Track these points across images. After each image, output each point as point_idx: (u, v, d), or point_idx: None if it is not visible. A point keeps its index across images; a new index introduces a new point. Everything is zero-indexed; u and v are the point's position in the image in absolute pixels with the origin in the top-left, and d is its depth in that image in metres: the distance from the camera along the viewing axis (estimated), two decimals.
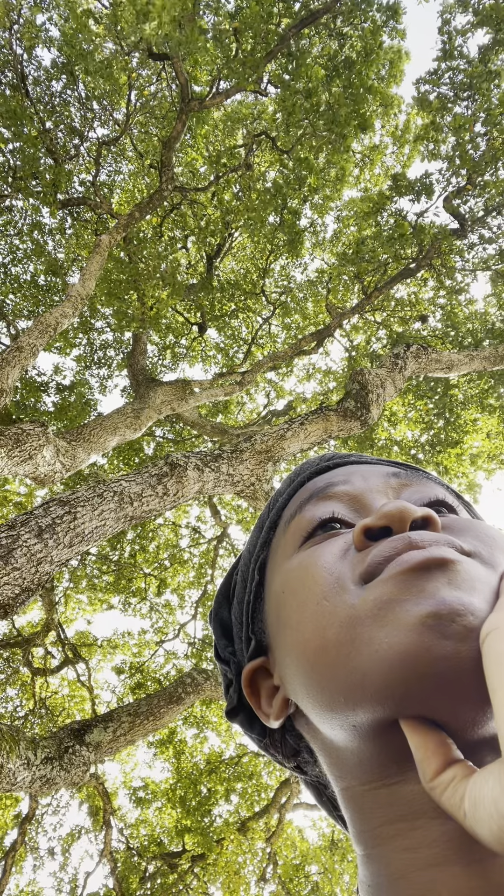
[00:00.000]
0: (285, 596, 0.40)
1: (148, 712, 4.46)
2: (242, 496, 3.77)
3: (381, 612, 0.31)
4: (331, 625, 0.33)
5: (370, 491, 0.43)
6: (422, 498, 0.43)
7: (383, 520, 0.36)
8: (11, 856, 6.24)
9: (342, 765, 0.36)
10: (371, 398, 3.98)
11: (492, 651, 0.26)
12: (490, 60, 5.90)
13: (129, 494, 2.89)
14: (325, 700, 0.33)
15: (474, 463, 8.06)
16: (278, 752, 0.45)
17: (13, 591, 2.33)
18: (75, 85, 6.70)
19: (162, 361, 9.46)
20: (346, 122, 6.14)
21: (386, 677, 0.29)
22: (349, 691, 0.31)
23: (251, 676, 0.44)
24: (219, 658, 0.50)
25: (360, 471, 0.46)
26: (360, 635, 0.31)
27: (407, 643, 0.29)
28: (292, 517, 0.45)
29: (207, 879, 7.04)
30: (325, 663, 0.33)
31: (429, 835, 0.30)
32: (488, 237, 6.87)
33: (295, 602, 0.38)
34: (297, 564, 0.40)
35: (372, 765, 0.33)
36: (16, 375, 4.25)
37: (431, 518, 0.36)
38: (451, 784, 0.26)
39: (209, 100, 6.40)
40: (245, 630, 0.46)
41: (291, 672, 0.38)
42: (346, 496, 0.43)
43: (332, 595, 0.35)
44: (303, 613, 0.36)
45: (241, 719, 0.47)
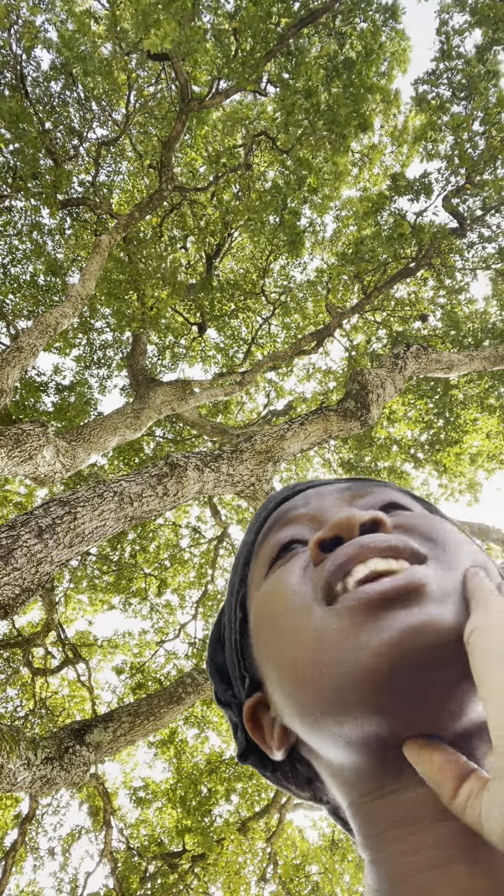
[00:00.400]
0: (260, 624, 0.42)
1: (148, 712, 4.46)
2: (242, 496, 3.77)
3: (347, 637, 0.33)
4: (303, 647, 0.35)
5: (326, 508, 0.46)
6: (373, 503, 0.45)
7: (333, 530, 0.38)
8: (12, 856, 6.24)
9: (344, 781, 0.37)
10: (371, 398, 3.98)
11: (476, 648, 0.27)
12: (487, 60, 5.90)
13: (130, 495, 2.89)
14: (311, 719, 0.35)
15: (474, 462, 8.05)
16: (292, 784, 0.46)
17: (13, 591, 2.33)
18: (74, 86, 6.70)
19: (161, 361, 9.47)
20: (346, 122, 6.14)
21: (359, 694, 0.31)
22: (329, 708, 0.33)
23: (252, 713, 0.44)
24: (220, 703, 0.50)
25: (316, 492, 0.49)
26: (329, 656, 0.33)
27: (369, 665, 0.31)
28: (259, 549, 0.47)
29: (208, 879, 7.04)
30: (303, 683, 0.35)
31: (428, 838, 0.30)
32: (488, 236, 6.88)
33: (269, 628, 0.40)
34: (265, 591, 0.43)
35: (369, 777, 0.34)
36: (16, 375, 4.25)
37: (379, 519, 0.38)
38: (469, 802, 0.27)
39: (209, 100, 6.40)
40: (238, 669, 0.47)
41: (279, 697, 0.39)
42: (305, 517, 0.46)
43: (299, 617, 0.37)
44: (278, 639, 0.38)
45: (253, 760, 0.48)
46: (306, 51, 6.26)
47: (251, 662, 0.45)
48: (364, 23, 6.19)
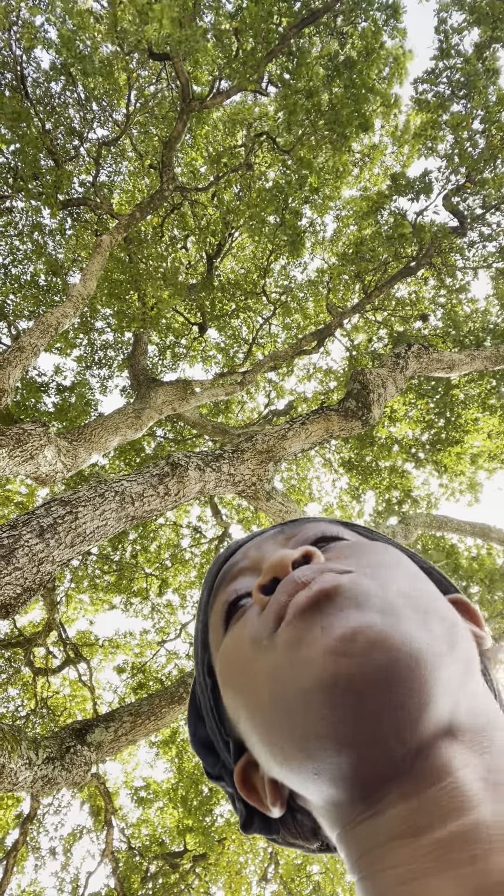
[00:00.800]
0: (226, 683, 0.43)
1: (149, 712, 4.46)
2: (244, 496, 3.77)
3: (293, 653, 0.34)
4: (263, 683, 0.36)
5: (264, 556, 0.48)
6: (303, 539, 0.47)
7: (269, 573, 0.40)
8: (13, 855, 6.25)
9: (329, 817, 0.37)
10: (372, 398, 3.98)
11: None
12: (486, 58, 5.90)
13: (131, 494, 2.89)
14: (285, 757, 0.35)
15: (475, 462, 8.05)
16: (300, 838, 0.46)
17: (15, 590, 2.33)
18: (74, 86, 6.70)
19: (162, 361, 9.47)
20: (348, 122, 6.14)
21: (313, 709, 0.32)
22: (296, 737, 0.33)
23: (243, 777, 0.44)
24: (212, 777, 0.51)
25: (253, 544, 0.51)
26: (285, 680, 0.34)
27: (320, 674, 0.32)
28: (212, 610, 0.49)
29: (209, 879, 7.04)
30: (270, 722, 0.36)
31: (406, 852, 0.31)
32: (488, 234, 6.87)
33: (233, 683, 0.41)
34: (223, 650, 0.44)
35: (345, 807, 0.35)
36: (17, 375, 4.25)
37: (309, 553, 0.40)
38: None
39: (210, 100, 6.40)
40: (220, 736, 0.47)
41: (256, 748, 0.40)
42: (247, 570, 0.48)
43: (254, 657, 0.38)
44: (243, 687, 0.39)
45: (257, 826, 0.48)
46: (307, 51, 6.26)
47: (231, 726, 0.46)
48: (365, 22, 6.18)
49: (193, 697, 0.53)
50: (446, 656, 0.34)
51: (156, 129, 7.76)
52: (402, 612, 0.34)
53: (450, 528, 6.71)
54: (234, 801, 0.49)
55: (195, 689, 0.53)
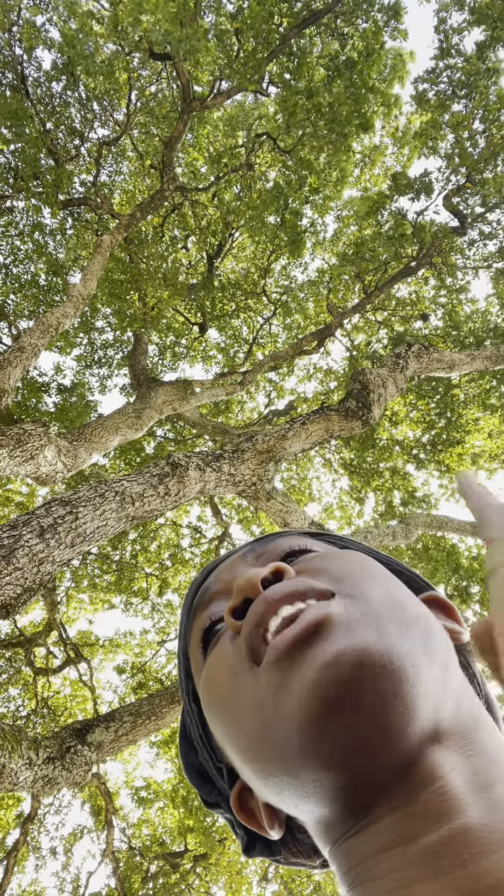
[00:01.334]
0: (209, 711, 0.42)
1: (150, 712, 4.46)
2: (244, 496, 3.77)
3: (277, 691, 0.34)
4: (245, 720, 0.36)
5: (235, 577, 0.47)
6: (272, 556, 0.46)
7: (240, 595, 0.39)
8: (14, 855, 6.25)
9: (319, 835, 0.38)
10: (373, 398, 3.98)
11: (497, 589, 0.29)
12: (486, 58, 5.90)
13: (131, 494, 2.89)
14: (274, 785, 0.35)
15: (475, 463, 8.05)
16: (301, 856, 0.46)
17: (15, 590, 2.33)
18: (75, 86, 6.71)
19: (162, 361, 9.47)
20: (348, 122, 6.14)
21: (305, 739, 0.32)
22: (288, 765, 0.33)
23: (239, 802, 0.44)
24: (208, 805, 0.50)
25: (225, 566, 0.50)
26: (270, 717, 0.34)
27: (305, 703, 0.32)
28: (189, 638, 0.48)
29: (210, 879, 7.04)
30: (256, 754, 0.35)
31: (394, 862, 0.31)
32: (488, 233, 6.87)
33: (216, 712, 0.41)
34: (204, 678, 0.43)
35: (335, 824, 0.35)
36: (17, 375, 4.26)
37: (279, 569, 0.40)
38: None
39: (210, 100, 6.40)
40: (213, 763, 0.47)
41: (245, 774, 0.39)
42: (220, 593, 0.47)
43: (235, 690, 0.37)
44: (226, 718, 0.39)
45: (260, 850, 0.47)
46: (308, 51, 6.26)
47: (220, 752, 0.45)
48: (366, 23, 6.18)
49: (183, 725, 0.53)
50: (425, 664, 0.34)
51: (156, 129, 7.76)
52: (383, 626, 0.34)
53: (450, 528, 6.71)
54: (233, 827, 0.49)
55: (184, 718, 0.53)
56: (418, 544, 8.12)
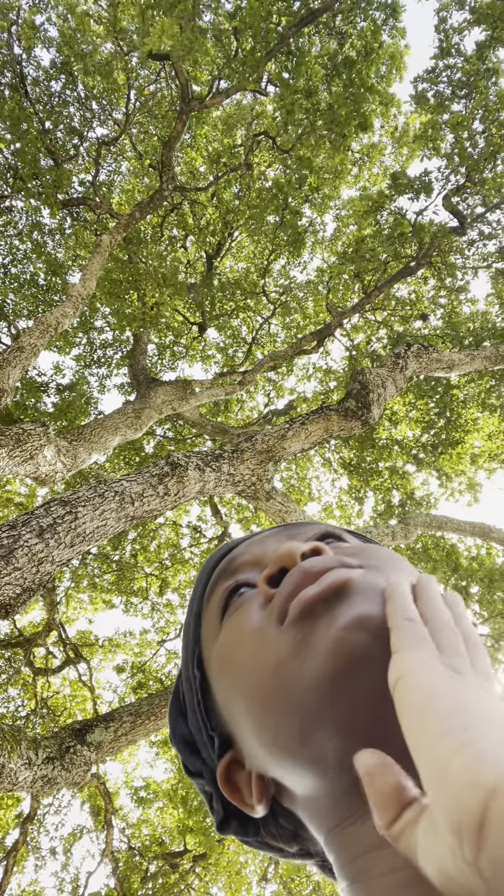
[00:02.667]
0: (222, 672, 0.42)
1: (149, 712, 4.46)
2: (243, 496, 3.77)
3: (299, 648, 0.34)
4: (262, 676, 0.36)
5: (267, 552, 0.47)
6: (310, 535, 0.47)
7: (277, 563, 0.40)
8: (13, 855, 6.24)
9: (320, 814, 0.37)
10: (372, 398, 3.98)
11: (400, 705, 0.27)
12: (486, 58, 5.90)
13: (131, 494, 2.89)
14: (282, 748, 0.35)
15: (475, 462, 8.05)
16: (279, 841, 0.45)
17: (14, 590, 2.33)
18: (74, 85, 6.70)
19: (162, 361, 9.47)
20: (347, 122, 6.13)
21: (320, 699, 0.32)
22: (298, 728, 0.33)
23: (226, 774, 0.44)
24: (191, 774, 0.50)
25: (254, 540, 0.50)
26: (288, 675, 0.34)
27: (327, 662, 0.32)
28: (207, 602, 0.48)
29: (209, 879, 7.04)
30: (269, 713, 0.35)
31: (398, 859, 0.30)
32: (488, 233, 6.87)
33: (231, 672, 0.40)
34: (222, 640, 0.43)
35: (342, 803, 0.34)
36: (17, 375, 4.25)
37: (318, 548, 0.40)
38: (405, 833, 0.27)
39: (209, 99, 6.40)
40: (205, 731, 0.46)
41: (250, 740, 0.39)
42: (248, 564, 0.47)
43: (258, 648, 0.37)
44: (240, 677, 0.39)
45: (234, 828, 0.47)
46: (306, 50, 6.26)
47: (217, 721, 0.45)
48: (364, 22, 6.18)
49: (177, 693, 0.53)
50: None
51: (155, 129, 7.76)
52: None
53: (450, 528, 6.71)
54: (210, 800, 0.48)
55: (179, 686, 0.53)
56: (418, 544, 8.12)
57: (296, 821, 0.43)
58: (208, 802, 0.49)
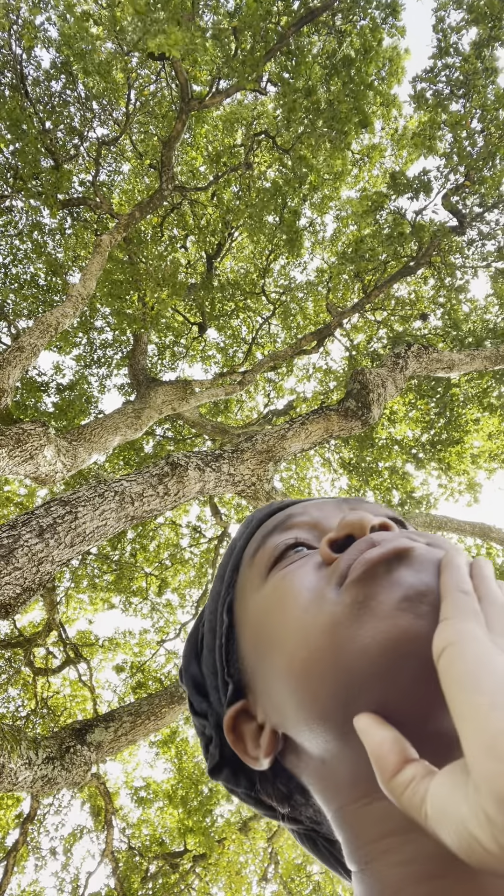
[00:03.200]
0: (262, 622, 0.41)
1: (149, 712, 4.46)
2: (243, 496, 3.77)
3: (358, 610, 0.33)
4: (314, 634, 0.35)
5: (327, 517, 0.47)
6: (378, 513, 0.47)
7: (346, 529, 0.39)
8: (13, 855, 6.24)
9: (336, 785, 0.36)
10: (372, 398, 3.98)
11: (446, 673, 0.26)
12: (484, 57, 5.90)
13: (130, 494, 2.89)
14: (318, 710, 0.34)
15: (475, 462, 8.05)
16: (271, 798, 0.45)
17: (14, 590, 2.33)
18: (74, 85, 6.70)
19: (162, 361, 9.47)
20: (347, 119, 6.13)
21: (372, 667, 0.31)
22: (340, 692, 0.32)
23: (233, 722, 0.44)
24: (195, 713, 0.50)
25: (314, 503, 0.50)
26: (343, 636, 0.33)
27: (387, 630, 0.31)
28: (256, 551, 0.47)
29: (209, 879, 7.04)
30: (313, 672, 0.34)
31: (422, 848, 0.30)
32: (487, 232, 6.86)
33: (274, 624, 0.39)
34: (270, 589, 0.42)
35: (365, 778, 0.33)
36: (17, 375, 4.25)
37: (388, 524, 0.40)
38: (411, 784, 0.26)
39: (209, 99, 6.39)
40: (221, 676, 0.46)
41: (279, 695, 0.38)
42: (305, 525, 0.46)
43: (312, 606, 0.36)
44: (285, 631, 0.38)
45: (225, 775, 0.47)
46: (306, 50, 6.25)
47: (236, 668, 0.45)
48: (364, 20, 6.17)
49: (195, 633, 0.53)
50: None
51: (155, 129, 7.76)
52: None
53: (450, 529, 6.71)
54: (207, 744, 0.48)
55: (199, 626, 0.52)
56: None
57: (293, 784, 0.43)
58: (204, 745, 0.49)
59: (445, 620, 0.28)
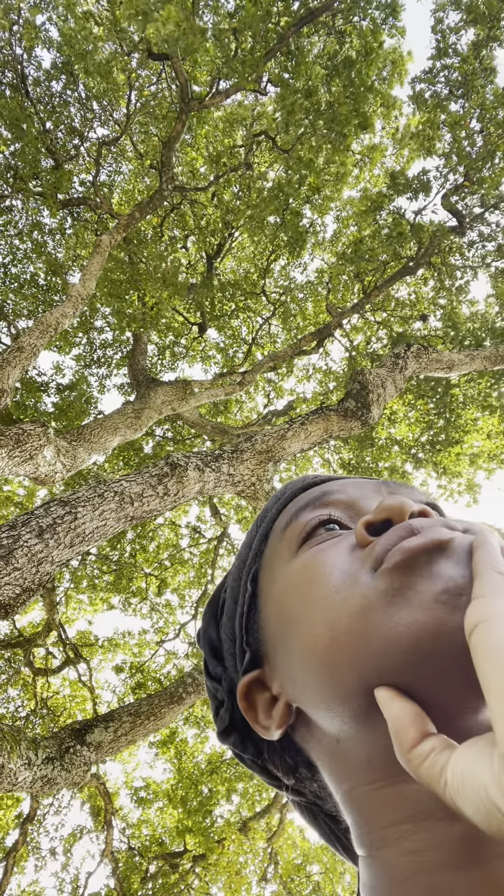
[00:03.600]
0: (289, 596, 0.41)
1: (149, 712, 4.46)
2: (243, 496, 3.77)
3: (393, 597, 0.32)
4: (342, 616, 0.34)
5: (364, 498, 0.45)
6: (418, 500, 0.45)
7: (384, 513, 0.37)
8: (13, 856, 6.24)
9: (348, 765, 0.36)
10: (372, 398, 3.98)
11: (480, 647, 0.26)
12: (482, 57, 5.90)
13: (130, 494, 2.89)
14: (339, 692, 0.34)
15: (474, 463, 8.05)
16: (277, 768, 0.45)
17: (14, 591, 2.33)
18: (75, 85, 6.70)
19: (162, 361, 9.47)
20: (347, 121, 6.14)
21: (403, 656, 0.30)
22: (364, 677, 0.32)
23: (247, 690, 0.44)
24: (209, 676, 0.50)
25: (352, 482, 0.48)
26: (373, 622, 0.32)
27: (423, 620, 0.30)
28: (287, 525, 0.46)
29: (209, 879, 7.04)
30: (338, 654, 0.33)
31: (435, 836, 0.29)
32: (487, 234, 6.87)
33: (302, 600, 0.39)
34: (300, 565, 0.41)
35: (380, 760, 0.33)
36: (16, 375, 4.25)
37: (428, 511, 0.38)
38: (431, 755, 0.26)
39: (209, 99, 6.40)
40: (239, 643, 0.46)
41: (298, 671, 0.38)
42: (341, 503, 0.45)
43: (344, 588, 0.35)
44: (312, 609, 0.37)
45: (233, 739, 0.47)
46: (306, 50, 6.26)
47: (255, 638, 0.45)
48: (364, 21, 6.18)
49: (216, 598, 0.53)
50: None
51: (156, 129, 7.76)
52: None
53: None
54: (218, 707, 0.48)
55: (220, 592, 0.52)
56: None
57: (300, 758, 0.43)
58: (215, 709, 0.49)
59: (480, 598, 0.28)
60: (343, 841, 0.44)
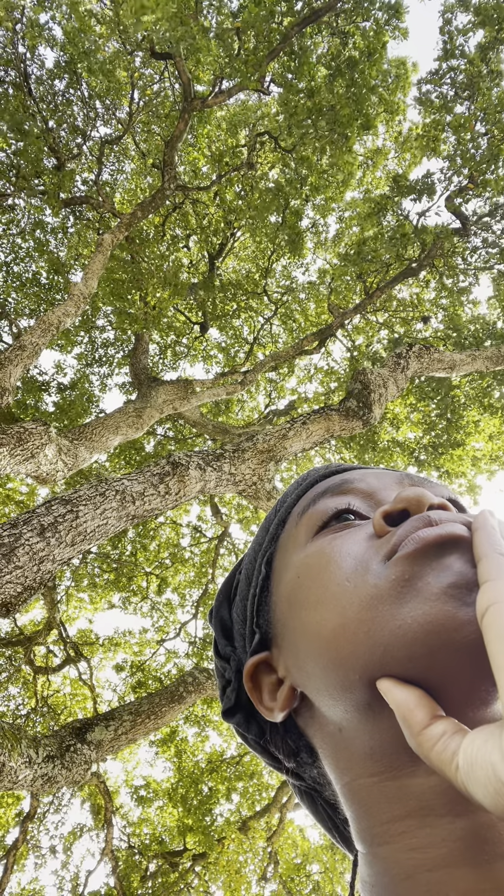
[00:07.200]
0: (301, 581, 0.41)
1: (149, 711, 4.46)
2: (244, 495, 3.77)
3: (403, 588, 0.32)
4: (352, 604, 0.34)
5: (384, 488, 0.45)
6: (439, 493, 0.45)
7: (402, 503, 0.37)
8: (13, 854, 6.25)
9: (350, 756, 0.36)
10: (373, 398, 3.98)
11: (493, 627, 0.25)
12: (490, 59, 5.89)
13: (131, 493, 2.89)
14: (342, 679, 0.34)
15: (475, 465, 8.04)
16: (278, 750, 0.45)
17: (15, 589, 2.33)
18: (78, 84, 6.70)
19: (163, 360, 9.47)
20: (349, 123, 6.13)
21: (410, 649, 0.30)
22: (369, 667, 0.31)
23: (253, 671, 0.44)
24: (218, 655, 0.50)
25: (373, 472, 0.48)
26: (382, 612, 0.32)
27: (431, 613, 0.30)
28: (305, 510, 0.46)
29: (209, 878, 7.05)
30: (345, 642, 0.33)
31: (437, 833, 0.29)
32: (491, 241, 6.86)
33: (313, 585, 0.39)
34: (315, 551, 0.41)
35: (383, 753, 0.33)
36: (18, 374, 4.26)
37: (447, 505, 0.38)
38: (442, 738, 0.26)
39: (211, 99, 6.40)
40: (249, 625, 0.46)
41: (304, 656, 0.38)
42: (361, 493, 0.45)
43: (355, 576, 0.35)
44: (323, 594, 0.37)
45: (238, 719, 0.47)
46: (309, 50, 6.25)
47: (266, 620, 0.45)
48: (367, 22, 6.17)
49: (231, 579, 0.53)
50: None
51: (158, 129, 7.76)
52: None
53: None
54: (224, 686, 0.49)
55: (235, 574, 0.53)
56: None
57: (302, 743, 0.43)
58: (222, 688, 0.50)
59: (490, 581, 0.28)
60: (342, 830, 0.44)
